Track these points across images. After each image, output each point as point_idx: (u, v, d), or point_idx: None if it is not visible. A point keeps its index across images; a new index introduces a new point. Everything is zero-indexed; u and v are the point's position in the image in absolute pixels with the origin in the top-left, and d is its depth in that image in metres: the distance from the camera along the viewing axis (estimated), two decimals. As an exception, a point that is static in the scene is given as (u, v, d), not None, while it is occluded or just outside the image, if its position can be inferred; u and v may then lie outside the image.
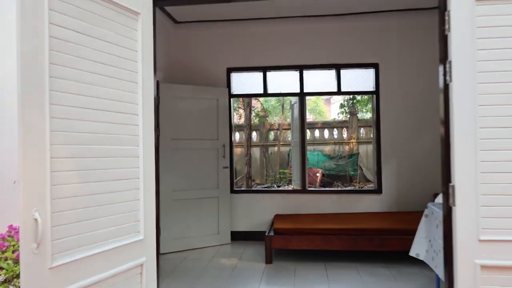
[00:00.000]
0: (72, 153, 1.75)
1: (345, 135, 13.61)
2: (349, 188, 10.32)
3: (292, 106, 6.07)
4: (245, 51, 5.74)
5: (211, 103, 5.51)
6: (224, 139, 5.56)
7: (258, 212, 5.72)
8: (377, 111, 5.55)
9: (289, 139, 14.06)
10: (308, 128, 13.99)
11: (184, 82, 5.69)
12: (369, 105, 16.46)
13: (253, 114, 12.54)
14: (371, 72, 5.60)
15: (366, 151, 13.50)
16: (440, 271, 2.80)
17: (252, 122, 12.55)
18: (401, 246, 4.43)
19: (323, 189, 7.22)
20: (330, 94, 5.57)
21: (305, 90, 5.66)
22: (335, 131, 13.78)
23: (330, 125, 13.94)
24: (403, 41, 5.50)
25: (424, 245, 3.28)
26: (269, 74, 5.75)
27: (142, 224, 2.14)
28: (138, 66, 2.13)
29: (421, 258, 3.27)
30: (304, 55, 5.63)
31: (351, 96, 15.70)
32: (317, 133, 13.39)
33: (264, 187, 10.74)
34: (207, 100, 5.47)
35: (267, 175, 12.72)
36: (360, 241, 4.51)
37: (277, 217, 5.38)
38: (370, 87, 5.60)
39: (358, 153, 13.12)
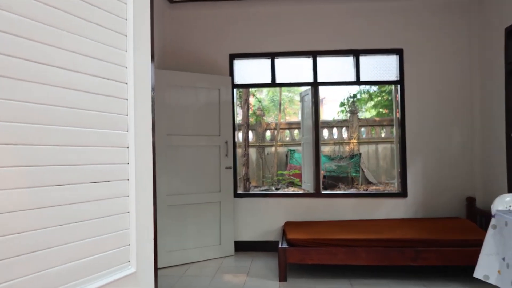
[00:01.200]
0: (12, 136, 1.02)
1: (345, 135, 13.00)
2: (370, 191, 9.67)
3: (302, 99, 5.35)
4: (250, 35, 5.02)
5: (212, 94, 4.77)
6: (227, 135, 4.83)
7: (265, 219, 4.99)
8: (401, 103, 4.86)
9: (287, 139, 13.40)
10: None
11: (181, 69, 4.94)
12: (369, 104, 15.90)
13: (250, 112, 11.84)
14: (394, 59, 4.91)
15: (368, 151, 12.92)
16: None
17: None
18: (439, 259, 3.75)
19: (339, 192, 6.52)
20: (348, 84, 4.89)
21: (319, 80, 4.96)
22: (335, 131, 13.17)
23: (329, 125, 13.31)
24: (430, 23, 4.83)
25: (494, 264, 2.58)
26: (278, 61, 5.03)
27: (134, 250, 1.40)
28: None
29: (491, 281, 2.58)
30: (318, 39, 4.93)
31: (351, 94, 15.13)
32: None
33: (262, 190, 10.04)
34: (207, 90, 4.73)
35: (264, 177, 12.07)
36: (391, 254, 3.81)
37: (289, 225, 4.65)
38: (393, 76, 4.92)
39: (360, 154, 12.50)
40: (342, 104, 14.61)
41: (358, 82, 4.87)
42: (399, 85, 4.87)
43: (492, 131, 4.40)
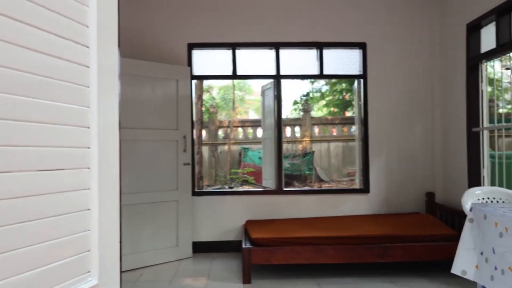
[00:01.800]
0: None
1: (298, 133, 13.03)
2: (332, 187, 9.64)
3: (263, 93, 5.15)
4: (210, 24, 4.73)
5: (170, 85, 4.44)
6: (185, 129, 4.51)
7: (225, 218, 4.73)
8: (364, 98, 4.79)
9: (240, 137, 13.20)
10: (259, 126, 13.22)
11: (136, 58, 4.56)
12: (321, 103, 16.08)
13: (203, 109, 11.50)
14: (357, 53, 4.84)
15: (320, 150, 13.03)
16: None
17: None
18: (406, 255, 3.69)
19: (302, 189, 6.36)
20: (311, 78, 4.79)
21: (282, 72, 4.78)
22: (288, 129, 13.16)
23: (283, 123, 13.23)
24: (394, 17, 4.80)
25: (472, 259, 2.50)
26: (239, 53, 4.79)
27: (96, 257, 1.11)
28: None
29: (468, 277, 2.49)
30: (281, 30, 4.74)
31: (304, 93, 15.20)
32: (269, 131, 12.61)
33: (215, 189, 9.76)
34: (164, 80, 4.40)
35: (217, 176, 11.81)
36: (359, 251, 3.70)
37: (251, 223, 4.43)
38: (357, 70, 4.84)
39: (312, 152, 12.56)
40: (295, 103, 14.65)
41: (321, 75, 4.73)
42: (362, 80, 4.80)
43: (453, 126, 4.44)
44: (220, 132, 13.04)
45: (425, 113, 4.80)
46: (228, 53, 4.78)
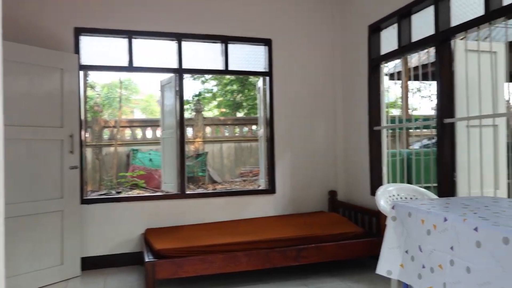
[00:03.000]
0: None
1: (190, 134, 12.67)
2: (219, 190, 9.36)
3: (163, 88, 4.70)
4: (102, 6, 4.15)
5: (53, 75, 3.75)
6: (72, 126, 3.87)
7: (120, 228, 4.18)
8: (270, 96, 4.66)
9: (128, 137, 12.36)
10: (149, 126, 12.53)
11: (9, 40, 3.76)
12: (213, 103, 15.89)
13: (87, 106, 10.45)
14: (263, 49, 4.69)
15: (213, 150, 12.85)
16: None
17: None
18: (320, 256, 3.63)
19: (207, 191, 5.93)
20: (216, 73, 4.50)
21: (184, 66, 4.40)
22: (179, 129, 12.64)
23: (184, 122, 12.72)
24: (298, 15, 4.77)
25: (397, 258, 2.46)
26: (136, 42, 4.29)
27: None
28: None
29: (394, 276, 2.44)
30: (184, 21, 4.37)
31: (197, 93, 14.84)
32: (158, 131, 12.02)
33: (100, 195, 8.91)
34: (45, 68, 3.70)
35: (102, 180, 10.86)
36: (273, 255, 3.52)
37: (152, 232, 3.97)
38: (262, 67, 4.70)
39: (206, 153, 12.30)
40: (187, 102, 14.21)
41: (227, 71, 4.48)
42: (268, 77, 4.67)
43: (355, 125, 4.55)
44: (105, 133, 12.04)
45: (329, 112, 4.86)
46: (123, 42, 4.24)
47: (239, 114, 15.05)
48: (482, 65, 3.13)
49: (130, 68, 4.24)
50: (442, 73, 3.32)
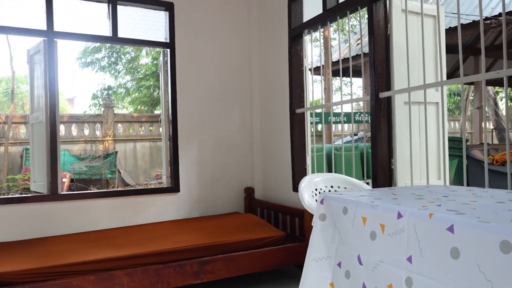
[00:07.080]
0: None
1: (98, 132, 11.37)
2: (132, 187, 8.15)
3: (31, 58, 3.61)
4: None
5: None
6: None
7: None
8: (171, 75, 3.78)
9: (23, 136, 10.73)
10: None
11: None
12: (127, 99, 14.53)
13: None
14: (163, 15, 3.81)
15: (125, 150, 11.64)
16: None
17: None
18: (230, 270, 2.81)
19: (89, 191, 4.76)
20: (101, 41, 3.55)
21: (57, 29, 3.37)
22: (86, 127, 11.34)
23: (79, 119, 11.36)
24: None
25: (325, 274, 1.72)
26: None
27: None
28: None
29: (324, 300, 1.71)
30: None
31: (106, 86, 13.42)
32: (62, 129, 10.59)
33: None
34: None
35: (-13, 185, 9.30)
36: (167, 272, 2.64)
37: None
38: (162, 37, 3.80)
39: (116, 153, 11.06)
40: (94, 97, 12.78)
41: (115, 38, 3.51)
42: (169, 50, 3.78)
43: (274, 108, 3.83)
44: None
45: (244, 94, 4.10)
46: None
47: (158, 112, 13.87)
48: (425, 30, 2.55)
49: (-22, 27, 3.12)
50: (376, 38, 2.70)
